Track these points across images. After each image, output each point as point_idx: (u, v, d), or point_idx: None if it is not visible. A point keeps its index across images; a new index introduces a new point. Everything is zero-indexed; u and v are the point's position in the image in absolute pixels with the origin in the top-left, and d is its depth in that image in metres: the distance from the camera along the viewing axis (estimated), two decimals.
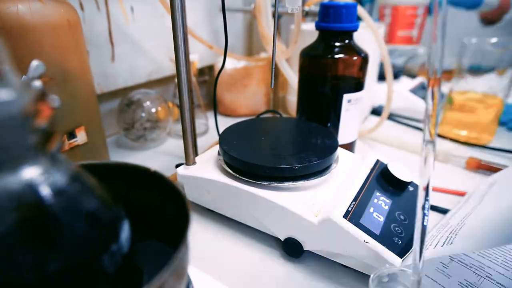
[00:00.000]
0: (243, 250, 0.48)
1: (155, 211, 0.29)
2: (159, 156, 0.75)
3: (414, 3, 1.04)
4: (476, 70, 0.74)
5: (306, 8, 0.75)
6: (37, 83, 0.19)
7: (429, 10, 1.16)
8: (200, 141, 0.78)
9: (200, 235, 0.50)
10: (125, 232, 0.22)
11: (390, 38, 1.22)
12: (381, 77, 1.01)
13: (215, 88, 0.62)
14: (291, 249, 0.45)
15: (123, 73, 0.78)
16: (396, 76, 1.06)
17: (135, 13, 0.76)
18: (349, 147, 0.64)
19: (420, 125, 0.92)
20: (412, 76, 1.17)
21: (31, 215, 0.18)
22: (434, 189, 0.61)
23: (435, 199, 0.57)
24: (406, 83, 1.03)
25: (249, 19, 1.13)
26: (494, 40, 0.71)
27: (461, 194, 0.59)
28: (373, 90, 0.93)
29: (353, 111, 0.60)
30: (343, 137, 0.61)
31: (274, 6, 0.45)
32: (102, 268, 0.20)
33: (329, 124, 0.60)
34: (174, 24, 0.44)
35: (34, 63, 0.24)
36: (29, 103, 0.17)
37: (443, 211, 0.54)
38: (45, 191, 0.18)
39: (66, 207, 0.19)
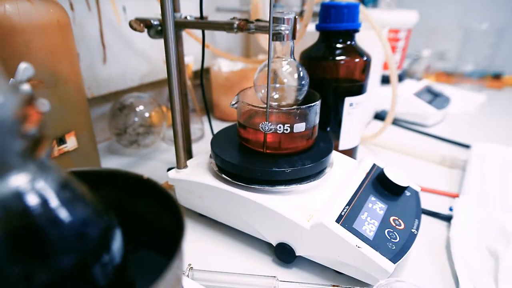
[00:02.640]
0: (234, 255, 0.48)
1: (148, 220, 0.29)
2: (152, 162, 0.74)
3: (396, 26, 1.04)
4: None
5: (306, 8, 0.75)
6: (26, 87, 0.19)
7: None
8: (196, 147, 0.78)
9: (190, 241, 0.50)
10: (117, 242, 0.22)
11: None
12: (384, 80, 1.01)
13: (202, 84, 0.61)
14: (283, 255, 0.46)
15: (115, 76, 0.78)
16: (400, 79, 1.06)
17: (127, 13, 0.77)
18: (351, 152, 0.64)
19: (425, 130, 0.92)
20: (417, 79, 1.18)
21: (19, 224, 0.18)
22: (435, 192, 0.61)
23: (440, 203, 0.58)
24: (410, 86, 1.03)
25: None
26: None
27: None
28: (376, 94, 0.93)
29: (355, 115, 0.60)
30: (344, 142, 0.62)
31: (269, 7, 0.45)
32: (93, 279, 0.20)
33: (328, 129, 0.60)
34: (165, 23, 0.44)
35: (22, 65, 0.24)
36: (17, 107, 0.17)
37: (447, 218, 0.55)
38: (33, 199, 0.18)
39: (55, 216, 0.19)
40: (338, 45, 0.57)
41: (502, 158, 0.70)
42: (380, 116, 0.98)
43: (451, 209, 0.56)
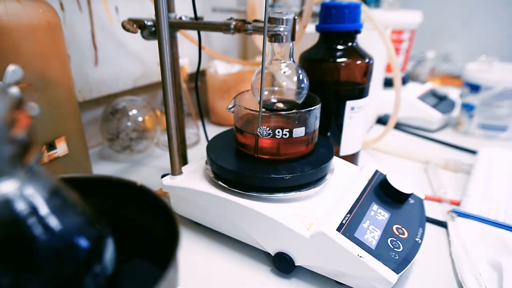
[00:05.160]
0: (231, 265, 0.48)
1: (142, 229, 0.29)
2: (146, 168, 0.74)
3: (399, 27, 1.04)
4: None
5: (305, 8, 0.76)
6: (14, 90, 0.19)
7: None
8: (192, 152, 0.78)
9: (186, 250, 0.50)
10: (109, 251, 0.22)
11: None
12: (387, 83, 1.01)
13: (197, 87, 0.62)
14: (282, 265, 0.46)
15: (107, 79, 0.78)
16: (404, 82, 1.06)
17: (120, 14, 0.77)
18: (353, 158, 0.64)
19: (430, 135, 0.92)
20: (421, 81, 1.18)
21: (7, 233, 0.18)
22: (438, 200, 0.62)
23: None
24: (414, 90, 1.03)
25: None
26: None
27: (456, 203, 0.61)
28: (379, 97, 0.94)
29: (356, 119, 0.60)
30: (346, 148, 0.62)
31: (265, 7, 0.45)
32: None
33: (329, 134, 0.61)
34: (159, 23, 0.44)
35: (11, 68, 0.24)
36: (5, 112, 0.17)
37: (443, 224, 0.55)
38: (22, 207, 0.18)
39: (45, 225, 0.19)
40: (339, 47, 0.57)
41: (510, 163, 0.71)
42: (382, 121, 0.99)
43: (455, 211, 0.56)
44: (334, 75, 0.57)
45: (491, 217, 0.54)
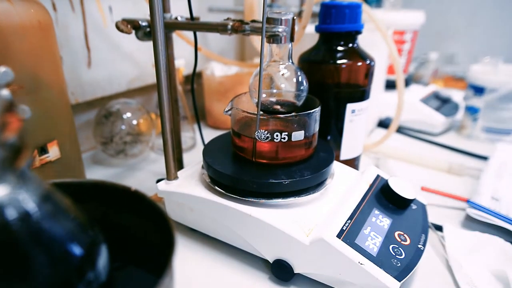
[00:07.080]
0: (228, 273, 0.48)
1: (136, 235, 0.29)
2: (140, 173, 0.74)
3: (401, 27, 1.05)
4: None
5: (305, 8, 0.76)
6: (5, 92, 0.19)
7: None
8: (187, 157, 0.78)
9: (181, 257, 0.50)
10: (103, 258, 0.22)
11: None
12: (389, 85, 1.02)
13: (193, 90, 0.62)
14: (281, 272, 0.45)
15: (100, 80, 0.78)
16: (406, 84, 1.06)
17: (114, 14, 0.77)
18: (353, 162, 0.64)
19: (432, 138, 0.93)
20: (424, 84, 1.19)
21: None
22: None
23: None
24: (416, 92, 1.04)
25: None
26: None
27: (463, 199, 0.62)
28: (380, 100, 0.94)
29: (357, 122, 0.60)
30: (346, 152, 0.62)
31: (263, 7, 0.45)
32: None
33: (329, 137, 0.61)
34: (154, 24, 0.44)
35: (1, 69, 0.24)
36: None
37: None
38: (13, 213, 0.18)
39: (36, 231, 0.19)
40: (339, 48, 0.58)
41: None
42: (384, 124, 0.99)
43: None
44: (334, 77, 0.57)
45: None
